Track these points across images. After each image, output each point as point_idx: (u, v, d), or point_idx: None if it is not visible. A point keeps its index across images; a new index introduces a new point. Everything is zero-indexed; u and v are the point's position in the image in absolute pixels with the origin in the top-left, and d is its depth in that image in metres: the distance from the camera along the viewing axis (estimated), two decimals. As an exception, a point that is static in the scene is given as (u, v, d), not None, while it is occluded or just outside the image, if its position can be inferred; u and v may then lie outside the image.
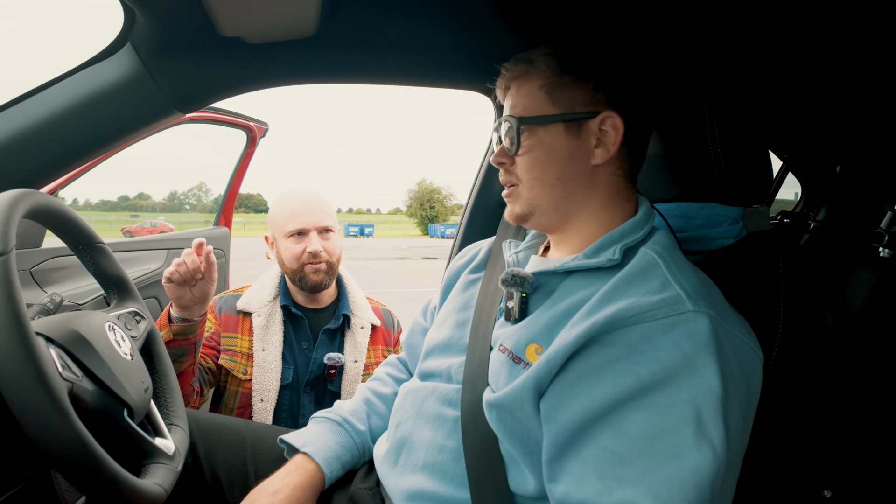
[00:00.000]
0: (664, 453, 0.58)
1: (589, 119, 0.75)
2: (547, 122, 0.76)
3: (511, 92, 0.80)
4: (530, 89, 0.77)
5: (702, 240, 0.92)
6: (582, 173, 0.77)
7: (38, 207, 0.70)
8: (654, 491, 0.56)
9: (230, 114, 2.21)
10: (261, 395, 1.39)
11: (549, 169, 0.76)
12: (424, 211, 67.85)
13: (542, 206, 0.78)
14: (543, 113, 0.76)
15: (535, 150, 0.76)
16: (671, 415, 0.59)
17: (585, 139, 0.76)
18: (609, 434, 0.61)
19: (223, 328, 1.45)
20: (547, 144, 0.76)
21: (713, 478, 0.57)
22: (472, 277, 0.96)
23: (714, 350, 0.60)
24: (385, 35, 1.06)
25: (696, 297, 0.64)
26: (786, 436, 1.11)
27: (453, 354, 0.86)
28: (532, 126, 0.76)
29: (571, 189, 0.77)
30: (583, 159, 0.76)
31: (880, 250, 1.24)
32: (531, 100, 0.77)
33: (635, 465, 0.58)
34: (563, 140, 0.76)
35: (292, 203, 1.46)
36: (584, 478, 0.61)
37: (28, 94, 0.91)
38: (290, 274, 1.45)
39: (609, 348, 0.64)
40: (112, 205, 46.16)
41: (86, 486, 0.59)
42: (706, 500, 0.56)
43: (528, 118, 0.76)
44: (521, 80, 0.79)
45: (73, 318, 0.72)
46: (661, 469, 0.57)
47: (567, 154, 0.76)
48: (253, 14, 0.88)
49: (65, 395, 0.57)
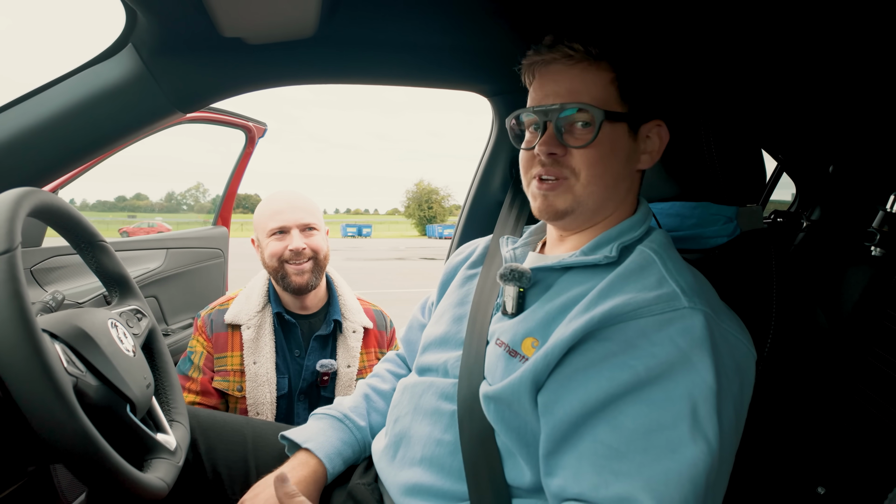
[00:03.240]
0: (660, 447, 0.59)
1: (644, 124, 0.76)
2: (620, 119, 0.73)
3: (570, 75, 0.74)
4: (601, 81, 0.73)
5: (696, 238, 0.93)
6: (629, 176, 0.78)
7: (43, 206, 0.71)
8: (651, 485, 0.57)
9: (229, 114, 2.21)
10: (256, 409, 1.38)
11: (609, 167, 0.74)
12: (422, 211, 67.83)
13: (588, 204, 0.76)
14: (616, 109, 0.73)
15: (603, 146, 0.73)
16: (667, 409, 0.60)
17: (639, 143, 0.77)
18: (605, 428, 0.62)
19: (215, 349, 1.42)
20: (612, 141, 0.74)
21: (708, 471, 0.58)
22: (469, 273, 0.97)
23: (709, 346, 0.62)
24: (384, 36, 1.07)
25: (691, 294, 0.65)
26: (780, 433, 1.12)
27: (450, 349, 0.87)
28: (602, 122, 0.72)
29: (617, 191, 0.77)
30: (634, 163, 0.78)
31: (872, 249, 1.25)
32: (602, 91, 0.73)
33: (632, 459, 0.59)
34: (626, 140, 0.75)
35: (274, 203, 1.45)
36: (580, 472, 0.62)
37: (30, 94, 0.92)
38: (273, 273, 1.42)
39: (606, 343, 0.65)
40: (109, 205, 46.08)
41: (90, 478, 0.60)
42: (701, 494, 0.57)
43: (611, 113, 0.72)
44: (590, 67, 0.73)
45: (77, 314, 0.73)
46: (658, 463, 0.58)
47: (625, 155, 0.76)
48: (253, 15, 0.89)
49: (70, 390, 0.58)
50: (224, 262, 2.38)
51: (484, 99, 1.34)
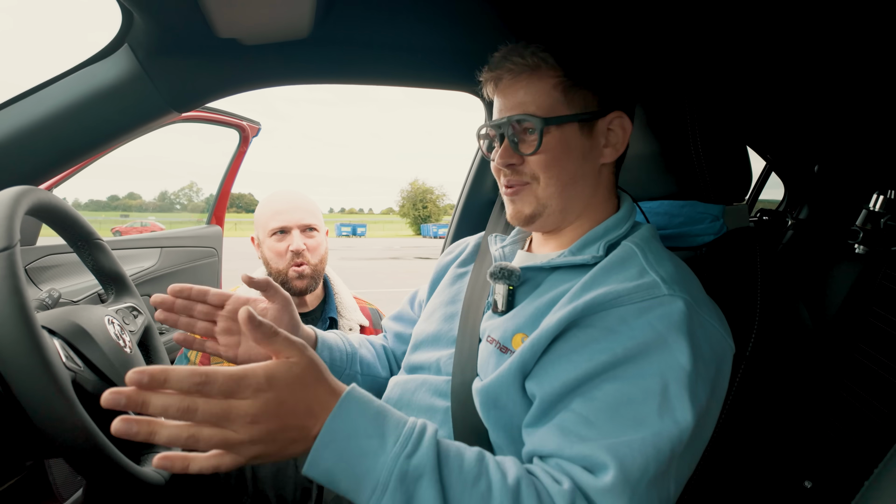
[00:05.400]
0: (628, 419, 0.61)
1: (600, 119, 0.78)
2: (565, 121, 0.76)
3: (515, 88, 0.78)
4: (543, 87, 0.77)
5: (684, 236, 0.95)
6: (591, 173, 0.80)
7: (40, 204, 0.72)
8: (613, 448, 0.59)
9: (223, 113, 2.21)
10: None
11: (565, 168, 0.77)
12: (417, 211, 67.73)
13: (553, 205, 0.79)
14: (560, 113, 0.76)
15: (553, 150, 0.76)
16: (639, 385, 0.62)
17: (596, 139, 0.79)
18: (580, 401, 0.64)
19: None
20: (563, 144, 0.77)
21: (673, 446, 0.60)
22: (459, 272, 0.99)
23: (686, 330, 0.64)
24: (378, 37, 1.08)
25: (671, 283, 0.68)
26: (767, 428, 1.14)
27: (442, 347, 0.88)
28: (550, 126, 0.76)
29: (581, 188, 0.80)
30: (594, 159, 0.79)
31: (856, 247, 1.28)
32: (545, 98, 0.76)
33: (599, 427, 0.61)
34: (578, 139, 0.77)
35: (275, 202, 1.46)
36: (550, 435, 0.64)
37: (27, 94, 0.92)
38: (276, 275, 1.43)
39: (588, 330, 0.68)
40: (102, 204, 45.67)
41: (89, 472, 0.61)
42: (664, 465, 0.59)
43: (551, 118, 0.76)
44: (532, 76, 0.77)
45: (74, 311, 0.74)
46: (623, 433, 0.60)
47: (581, 153, 0.78)
48: (249, 16, 0.90)
49: (69, 384, 0.59)
50: (218, 262, 2.38)
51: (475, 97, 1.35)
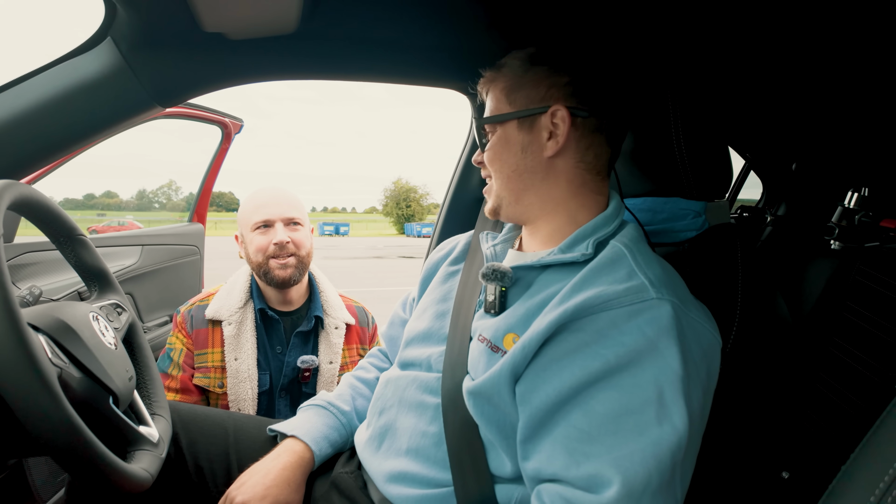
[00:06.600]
0: (628, 430, 0.62)
1: (540, 114, 0.81)
2: (502, 120, 0.83)
3: (486, 95, 0.88)
4: (495, 92, 0.85)
5: (667, 232, 0.97)
6: (538, 166, 0.82)
7: (22, 199, 0.71)
8: (617, 462, 0.61)
9: (205, 109, 2.19)
10: (237, 405, 1.38)
11: (506, 162, 0.84)
12: (401, 210, 67.52)
13: (506, 197, 0.85)
14: (501, 112, 0.84)
15: (494, 147, 0.85)
16: (636, 395, 0.64)
17: (538, 133, 0.81)
18: (578, 413, 0.65)
19: (195, 346, 1.40)
20: (503, 140, 0.84)
21: (673, 451, 0.61)
22: (451, 269, 1.00)
23: (675, 334, 0.65)
24: (365, 33, 1.08)
25: (659, 286, 0.69)
26: (745, 419, 1.17)
27: (433, 344, 0.89)
28: (493, 125, 0.85)
29: (529, 181, 0.83)
30: (536, 152, 0.82)
31: (832, 243, 1.32)
32: (494, 101, 0.85)
33: (602, 441, 0.63)
34: (517, 135, 0.83)
35: (259, 197, 1.45)
36: (554, 454, 0.65)
37: (6, 86, 0.90)
38: (256, 268, 1.42)
39: (579, 334, 0.68)
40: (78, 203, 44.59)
41: (75, 469, 0.61)
42: (666, 471, 0.61)
43: (487, 118, 0.85)
44: (491, 84, 0.86)
45: (58, 307, 0.73)
46: (626, 444, 0.62)
47: (520, 148, 0.82)
48: (235, 10, 0.89)
49: (55, 380, 0.58)
50: (200, 260, 2.36)
51: (463, 95, 1.36)
